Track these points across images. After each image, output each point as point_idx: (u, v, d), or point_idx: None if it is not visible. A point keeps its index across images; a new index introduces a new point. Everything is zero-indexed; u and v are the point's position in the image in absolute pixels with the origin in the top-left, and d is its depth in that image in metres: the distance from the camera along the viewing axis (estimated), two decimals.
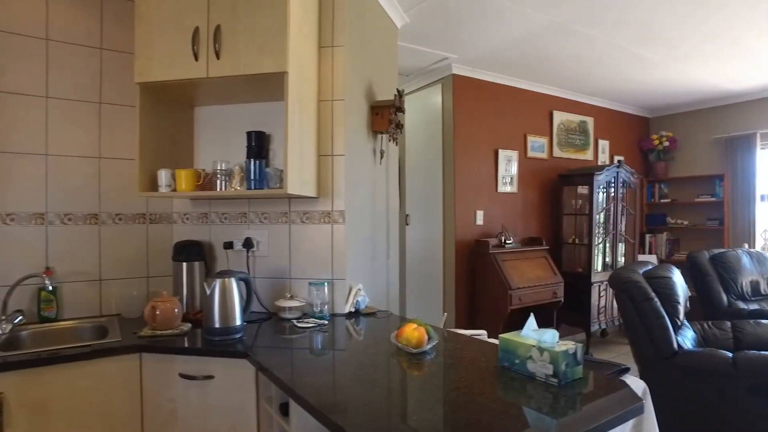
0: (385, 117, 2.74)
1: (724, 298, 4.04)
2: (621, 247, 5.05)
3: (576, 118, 5.14)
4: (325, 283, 2.35)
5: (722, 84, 4.80)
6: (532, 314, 1.53)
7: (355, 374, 1.53)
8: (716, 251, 4.27)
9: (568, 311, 4.66)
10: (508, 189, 4.57)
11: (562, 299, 4.27)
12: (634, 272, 3.02)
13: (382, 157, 2.81)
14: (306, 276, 2.44)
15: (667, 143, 5.69)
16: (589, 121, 5.27)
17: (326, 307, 2.33)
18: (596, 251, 4.73)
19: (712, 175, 5.40)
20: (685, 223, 5.62)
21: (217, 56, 2.02)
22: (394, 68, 3.35)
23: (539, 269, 4.22)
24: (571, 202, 4.83)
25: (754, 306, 4.05)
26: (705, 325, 3.27)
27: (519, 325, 1.52)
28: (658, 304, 2.87)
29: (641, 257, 5.31)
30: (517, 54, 3.92)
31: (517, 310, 4.11)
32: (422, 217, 4.62)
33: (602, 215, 4.81)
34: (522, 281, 3.98)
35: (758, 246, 5.05)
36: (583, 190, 4.74)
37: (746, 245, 4.98)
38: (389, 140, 2.80)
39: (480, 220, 4.37)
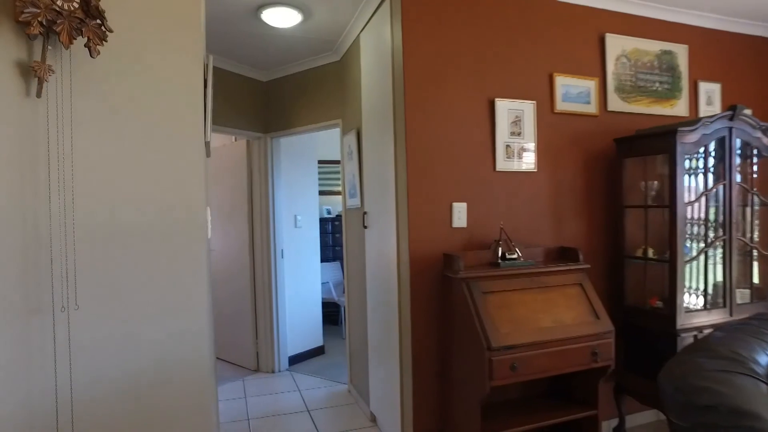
0: None
1: None
2: (752, 266, 2.89)
3: (653, 46, 3.07)
4: None
5: None
6: None
7: None
8: None
9: (636, 376, 2.67)
10: (517, 166, 2.71)
11: (613, 362, 2.32)
12: (737, 366, 1.07)
13: (41, 83, 1.25)
14: None
15: None
16: (680, 51, 3.15)
17: None
18: (689, 272, 2.67)
19: None
20: None
21: None
22: None
23: (566, 308, 2.32)
24: (640, 185, 2.80)
25: None
26: None
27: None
28: None
29: None
30: None
31: (516, 386, 2.28)
32: (379, 216, 2.94)
33: (703, 208, 2.72)
34: (519, 333, 2.13)
35: None
36: (665, 165, 2.71)
37: None
38: (65, 42, 1.23)
39: (461, 219, 2.58)
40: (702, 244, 2.70)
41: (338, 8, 2.94)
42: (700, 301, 2.69)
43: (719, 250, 2.69)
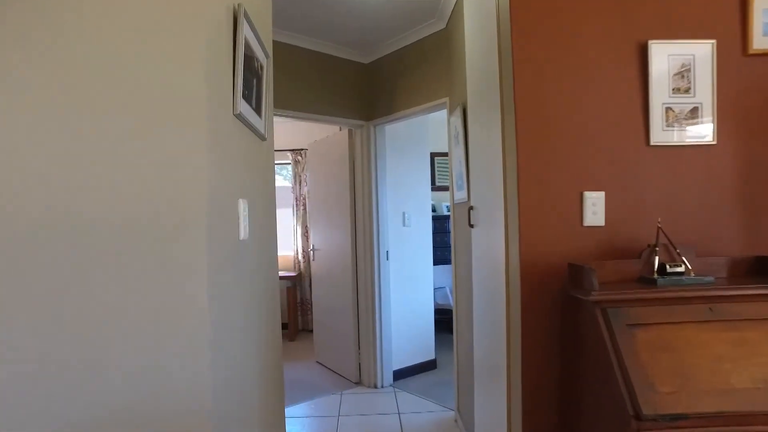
0: None
1: None
2: None
3: None
4: None
5: None
6: None
7: None
8: None
9: None
10: (683, 138, 1.87)
11: None
12: None
13: None
14: None
15: None
16: None
17: None
18: None
19: None
20: None
21: None
22: None
23: None
24: None
25: None
26: None
27: None
28: None
29: None
30: None
31: None
32: (486, 211, 2.32)
33: None
34: (692, 395, 1.36)
35: None
36: None
37: None
38: None
39: (596, 215, 1.85)
40: None
41: None
42: None
43: None
